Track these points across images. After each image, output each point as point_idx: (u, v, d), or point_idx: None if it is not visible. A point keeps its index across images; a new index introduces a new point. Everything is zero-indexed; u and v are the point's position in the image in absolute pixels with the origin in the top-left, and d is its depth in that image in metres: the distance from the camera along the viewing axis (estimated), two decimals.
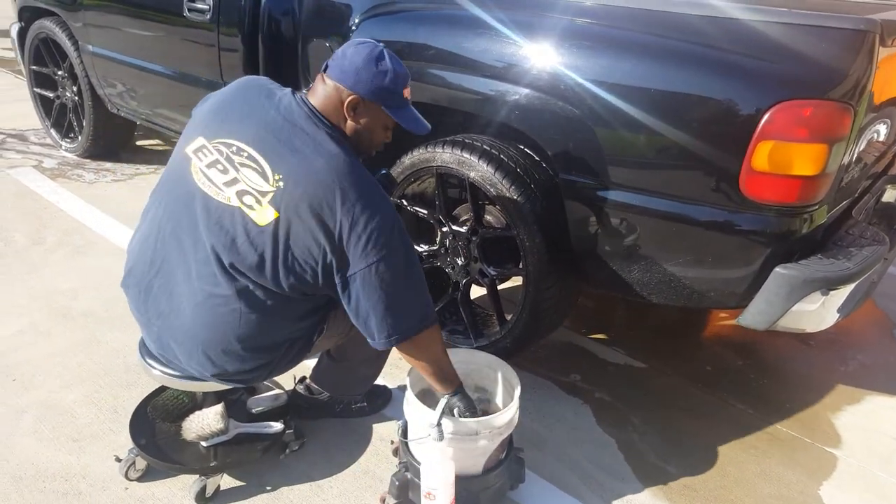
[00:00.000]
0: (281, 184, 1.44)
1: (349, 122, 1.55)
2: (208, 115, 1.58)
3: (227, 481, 1.79)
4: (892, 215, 2.22)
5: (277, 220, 1.44)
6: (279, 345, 1.61)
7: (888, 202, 2.31)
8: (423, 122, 1.66)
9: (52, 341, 2.34)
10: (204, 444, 1.77)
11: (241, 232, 1.46)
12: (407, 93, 1.60)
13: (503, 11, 2.00)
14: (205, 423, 1.75)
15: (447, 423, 1.58)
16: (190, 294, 1.54)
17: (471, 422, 1.62)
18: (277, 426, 1.85)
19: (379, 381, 2.14)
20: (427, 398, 1.82)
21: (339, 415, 2.04)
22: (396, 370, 2.27)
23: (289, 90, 1.58)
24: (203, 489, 1.71)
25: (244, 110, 1.54)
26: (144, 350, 1.72)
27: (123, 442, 1.89)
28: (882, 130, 2.02)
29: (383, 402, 2.12)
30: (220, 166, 1.50)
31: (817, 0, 2.38)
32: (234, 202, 1.47)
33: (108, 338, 2.37)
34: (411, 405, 1.68)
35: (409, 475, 1.71)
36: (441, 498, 1.58)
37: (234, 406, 1.88)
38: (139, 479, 1.78)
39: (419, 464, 1.65)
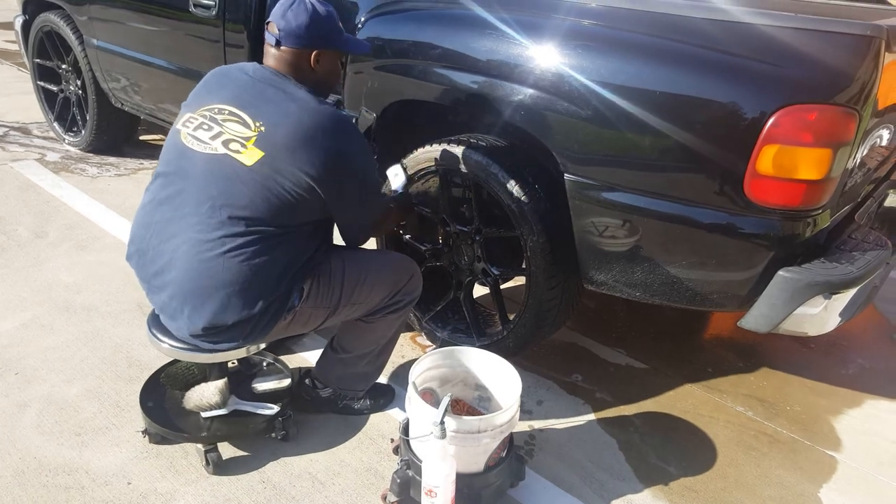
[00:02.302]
0: (263, 128, 1.63)
1: (314, 74, 1.77)
2: (192, 97, 1.80)
3: (227, 476, 1.80)
4: (895, 220, 2.23)
5: (264, 158, 1.62)
6: (260, 296, 1.65)
7: (890, 207, 2.31)
8: (362, 42, 1.96)
9: (54, 335, 2.35)
10: (203, 414, 1.85)
11: (231, 174, 1.62)
12: (339, 24, 1.83)
13: (510, 12, 2.00)
14: (204, 395, 1.85)
15: (450, 421, 1.59)
16: (180, 245, 1.65)
17: (473, 420, 1.63)
18: (274, 408, 1.90)
19: (382, 380, 2.15)
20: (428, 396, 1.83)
21: (342, 411, 2.05)
22: (400, 369, 2.28)
23: (254, 62, 1.80)
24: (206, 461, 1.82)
25: (221, 82, 1.77)
26: (153, 323, 1.78)
27: (126, 436, 1.90)
28: (885, 136, 2.02)
29: (386, 402, 2.12)
30: (205, 126, 1.70)
31: (823, 5, 2.39)
32: (221, 150, 1.65)
33: (111, 332, 2.38)
34: (413, 403, 1.68)
35: (410, 473, 1.72)
36: (442, 495, 1.59)
37: (241, 384, 1.97)
38: (157, 442, 1.89)
39: (421, 461, 1.66)
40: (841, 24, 1.61)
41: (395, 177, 2.17)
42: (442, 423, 1.55)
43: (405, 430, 1.77)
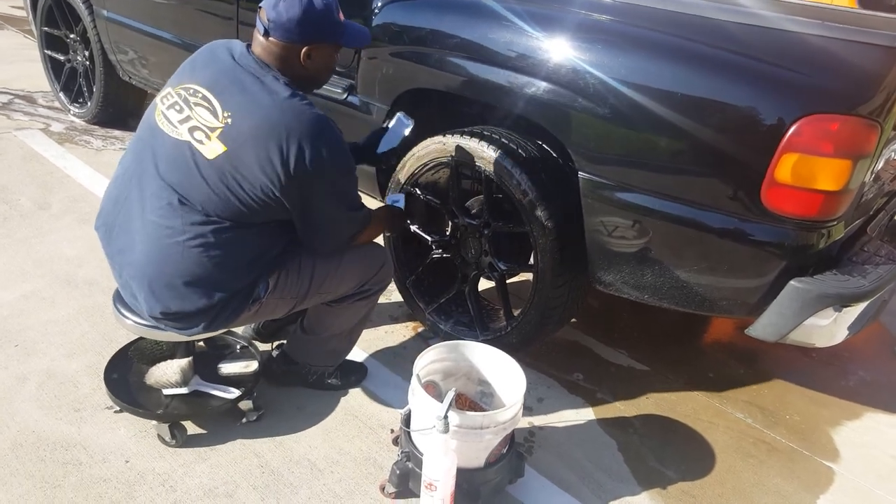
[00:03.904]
0: (229, 120, 1.55)
1: (304, 69, 1.66)
2: (179, 70, 1.72)
3: (226, 458, 1.80)
4: None
5: (226, 153, 1.55)
6: (221, 288, 1.63)
7: None
8: (362, 31, 1.76)
9: (55, 308, 2.33)
10: (164, 391, 1.85)
11: (192, 164, 1.57)
12: (341, 15, 1.68)
13: (531, 5, 1.98)
14: (166, 373, 1.85)
15: (453, 416, 1.58)
16: (142, 227, 1.63)
17: (476, 416, 1.63)
18: (235, 392, 1.89)
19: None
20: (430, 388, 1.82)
21: (313, 385, 2.07)
22: (402, 360, 2.27)
23: (246, 43, 1.69)
24: (161, 435, 1.83)
25: (207, 60, 1.67)
26: (118, 299, 1.77)
27: (126, 414, 1.88)
28: None
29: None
30: (177, 107, 1.63)
31: (848, 13, 2.35)
32: (185, 137, 1.59)
33: (112, 308, 2.36)
34: (417, 395, 1.67)
35: (410, 465, 1.71)
36: (442, 489, 1.59)
37: (207, 365, 1.96)
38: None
39: (421, 454, 1.65)
40: (867, 35, 1.59)
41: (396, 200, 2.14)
42: (445, 417, 1.54)
43: (407, 421, 1.76)
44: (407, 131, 2.07)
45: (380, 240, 2.08)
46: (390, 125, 2.08)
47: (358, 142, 2.10)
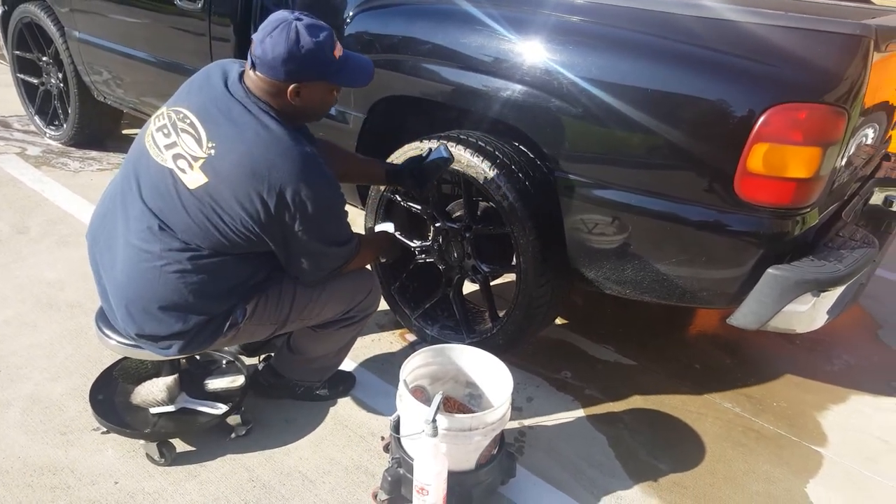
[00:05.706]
0: (212, 151, 1.53)
1: (291, 106, 1.59)
2: (178, 90, 1.69)
3: (216, 475, 1.79)
4: (880, 218, 2.26)
5: (207, 185, 1.53)
6: (197, 314, 1.62)
7: (875, 205, 2.34)
8: (363, 69, 1.67)
9: (38, 332, 2.31)
10: (151, 410, 1.84)
11: (173, 192, 1.56)
12: (338, 51, 1.58)
13: (500, 8, 1.99)
14: (152, 391, 1.85)
15: (441, 419, 1.58)
16: (123, 248, 1.62)
17: (464, 418, 1.63)
18: (223, 408, 1.88)
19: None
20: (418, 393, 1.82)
21: (301, 397, 2.06)
22: (390, 366, 2.27)
23: (240, 70, 1.63)
24: (150, 455, 1.82)
25: (202, 83, 1.64)
26: (101, 319, 1.77)
27: (113, 435, 1.87)
28: (870, 134, 2.04)
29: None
30: (165, 130, 1.61)
31: (812, 4, 2.40)
32: (169, 164, 1.57)
33: (95, 328, 2.34)
34: (404, 400, 1.68)
35: (401, 471, 1.71)
36: (434, 493, 1.59)
37: (193, 381, 1.95)
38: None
39: (412, 459, 1.65)
40: (831, 24, 1.62)
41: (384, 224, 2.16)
42: (434, 421, 1.55)
43: (396, 427, 1.76)
44: (445, 162, 1.97)
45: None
46: (431, 153, 2.00)
47: (398, 165, 2.07)
